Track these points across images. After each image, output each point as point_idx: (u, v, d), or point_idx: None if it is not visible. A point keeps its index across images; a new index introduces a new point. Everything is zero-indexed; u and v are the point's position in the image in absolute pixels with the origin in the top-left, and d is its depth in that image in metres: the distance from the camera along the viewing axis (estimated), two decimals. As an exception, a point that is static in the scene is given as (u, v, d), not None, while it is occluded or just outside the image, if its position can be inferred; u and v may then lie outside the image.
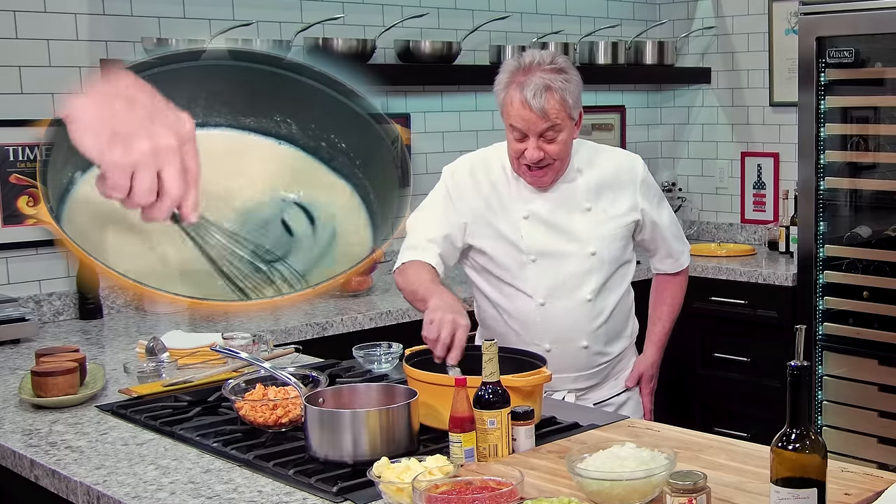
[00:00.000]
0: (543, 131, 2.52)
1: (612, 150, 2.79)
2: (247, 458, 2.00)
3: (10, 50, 3.33)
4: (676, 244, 2.84)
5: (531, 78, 2.50)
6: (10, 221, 3.36)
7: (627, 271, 2.74)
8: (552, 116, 2.49)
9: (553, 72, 2.51)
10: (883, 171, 4.01)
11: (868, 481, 1.82)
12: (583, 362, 2.68)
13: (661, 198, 2.79)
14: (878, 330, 3.87)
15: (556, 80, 2.50)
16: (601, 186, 2.67)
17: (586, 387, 2.72)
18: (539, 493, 1.77)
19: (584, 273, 2.64)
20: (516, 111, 2.52)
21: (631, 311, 2.81)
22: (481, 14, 4.46)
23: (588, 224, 2.64)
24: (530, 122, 2.51)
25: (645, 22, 5.08)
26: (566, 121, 2.53)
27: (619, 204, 2.68)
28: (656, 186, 2.78)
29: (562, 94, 2.50)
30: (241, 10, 3.81)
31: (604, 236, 2.65)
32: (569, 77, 2.53)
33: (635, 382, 2.83)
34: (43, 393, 2.41)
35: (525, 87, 2.49)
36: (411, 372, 2.17)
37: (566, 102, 2.51)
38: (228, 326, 3.16)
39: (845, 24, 3.84)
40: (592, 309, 2.65)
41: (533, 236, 2.63)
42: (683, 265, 2.89)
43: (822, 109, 3.95)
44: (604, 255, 2.65)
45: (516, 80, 2.52)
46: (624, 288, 2.74)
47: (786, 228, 4.53)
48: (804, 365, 1.58)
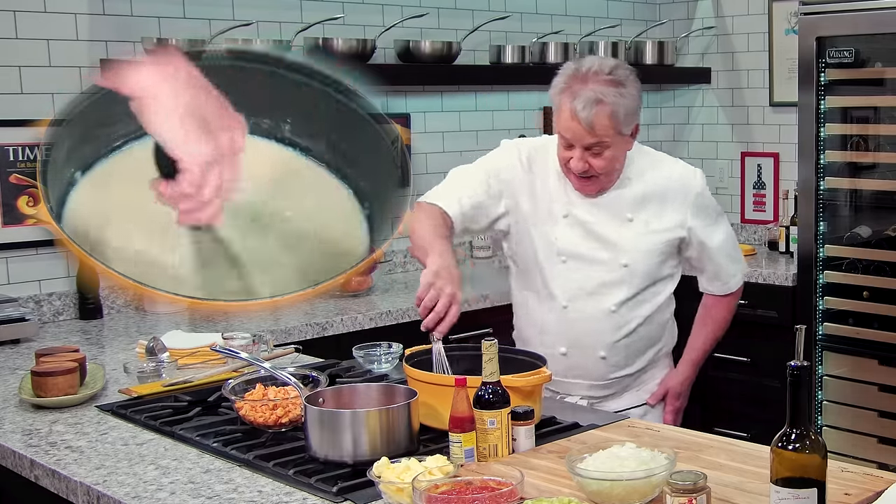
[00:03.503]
0: (590, 145, 2.45)
1: (671, 163, 2.67)
2: (247, 458, 2.00)
3: (10, 50, 3.33)
4: (728, 266, 2.70)
5: (585, 88, 2.42)
6: (10, 221, 3.36)
7: (664, 287, 2.64)
8: (598, 132, 2.43)
9: (609, 83, 2.43)
10: (883, 171, 4.01)
11: (868, 481, 1.82)
12: (598, 372, 2.62)
13: (718, 217, 2.67)
14: (878, 330, 3.86)
15: (610, 93, 2.42)
16: (648, 198, 2.58)
17: (601, 396, 2.65)
18: (539, 493, 1.77)
19: (612, 283, 2.57)
20: (564, 121, 2.45)
21: (665, 327, 2.70)
22: (481, 14, 4.46)
23: (626, 235, 2.56)
24: (577, 134, 2.45)
25: (645, 22, 5.08)
26: (615, 137, 2.45)
27: (664, 218, 2.58)
28: (713, 205, 2.66)
29: (613, 108, 2.42)
30: (241, 10, 3.81)
31: (639, 249, 2.56)
32: (624, 91, 2.45)
33: (658, 400, 2.72)
34: (43, 393, 2.41)
35: (577, 97, 2.42)
36: (411, 372, 2.17)
37: (616, 118, 2.43)
38: (228, 326, 3.16)
39: (845, 24, 3.84)
40: (616, 321, 2.58)
41: (568, 237, 2.57)
42: (732, 289, 2.75)
43: (822, 109, 3.95)
44: (636, 269, 2.57)
45: (571, 87, 2.44)
46: (657, 303, 2.63)
47: (786, 228, 4.53)
48: (804, 365, 1.58)
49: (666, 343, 2.74)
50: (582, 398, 2.63)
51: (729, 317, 2.80)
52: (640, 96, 2.52)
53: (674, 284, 2.67)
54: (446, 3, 4.39)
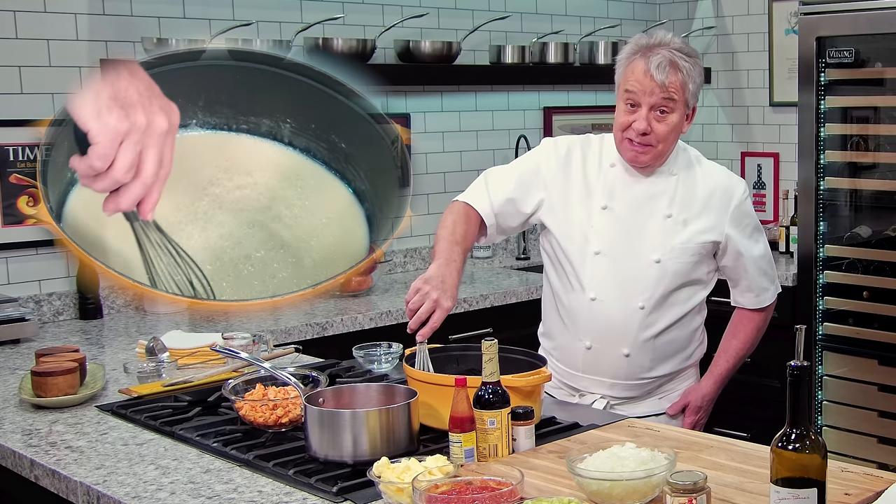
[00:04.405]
0: (658, 104, 2.47)
1: (714, 168, 2.63)
2: (247, 458, 2.00)
3: (10, 50, 3.33)
4: (761, 280, 2.66)
5: (658, 51, 2.47)
6: (10, 221, 3.36)
7: (696, 293, 2.59)
8: (671, 90, 2.46)
9: (682, 53, 2.49)
10: (883, 171, 4.01)
11: (868, 481, 1.82)
12: (621, 371, 2.57)
13: (756, 230, 2.63)
14: (878, 330, 3.87)
15: (684, 61, 2.48)
16: (689, 198, 2.55)
17: (622, 397, 2.60)
18: (539, 493, 1.77)
19: (644, 279, 2.53)
20: (636, 77, 2.47)
21: (694, 335, 2.65)
22: (481, 14, 4.46)
23: (662, 231, 2.53)
24: (647, 90, 2.46)
25: (645, 22, 5.09)
26: (681, 103, 2.49)
27: (702, 220, 2.55)
28: (752, 216, 2.62)
29: (685, 75, 2.48)
30: (241, 10, 3.81)
31: (674, 247, 2.52)
32: (694, 64, 2.51)
33: (677, 411, 2.65)
34: (43, 393, 2.40)
35: (651, 57, 2.46)
36: (411, 372, 2.17)
37: (686, 85, 2.48)
38: (228, 326, 3.16)
39: (845, 24, 3.84)
40: (644, 318, 2.53)
41: (603, 229, 2.55)
42: (764, 304, 2.70)
43: (822, 109, 3.95)
44: (668, 266, 2.52)
45: (642, 52, 2.49)
46: (689, 307, 2.58)
47: (786, 228, 4.53)
48: (804, 365, 1.58)
49: (694, 353, 2.68)
50: (602, 397, 2.59)
51: (757, 334, 2.73)
52: (702, 80, 2.55)
53: (706, 292, 2.63)
54: (446, 3, 4.39)
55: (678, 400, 2.66)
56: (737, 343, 2.71)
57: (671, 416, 2.63)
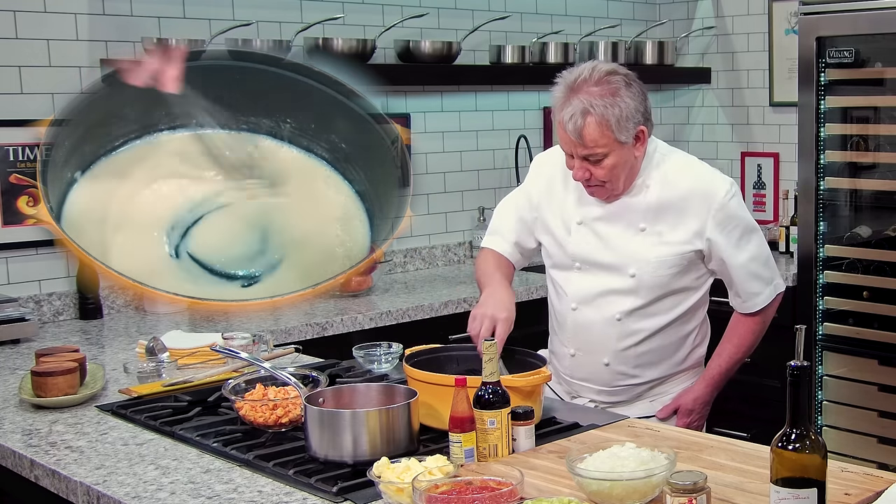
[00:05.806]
0: (585, 155, 2.40)
1: (700, 171, 2.54)
2: (247, 458, 2.00)
3: (10, 50, 3.33)
4: (750, 285, 2.57)
5: (573, 99, 2.37)
6: (10, 221, 3.36)
7: (682, 300, 2.55)
8: (588, 143, 2.37)
9: (599, 93, 2.36)
10: (883, 171, 4.01)
11: (868, 481, 1.82)
12: (603, 378, 2.59)
13: (745, 232, 2.52)
14: (878, 330, 3.87)
15: (598, 103, 2.35)
16: (665, 208, 2.49)
17: (609, 402, 2.61)
18: (539, 493, 1.77)
19: (619, 292, 2.52)
20: (559, 131, 2.43)
21: (685, 340, 2.61)
22: (481, 14, 4.46)
23: (637, 245, 2.50)
24: (570, 145, 2.41)
25: (645, 22, 5.08)
26: (611, 145, 2.38)
27: (679, 230, 2.49)
28: (739, 217, 2.51)
29: (602, 118, 2.35)
30: (241, 10, 3.81)
31: (649, 261, 2.49)
32: (614, 100, 2.36)
33: (667, 415, 2.61)
34: (43, 393, 2.40)
35: (565, 108, 2.37)
36: (411, 372, 2.17)
37: (607, 126, 2.35)
38: (228, 326, 3.16)
39: (845, 24, 3.84)
40: (621, 330, 2.53)
41: (579, 243, 2.56)
42: (752, 309, 2.61)
43: (822, 109, 3.95)
44: (644, 280, 2.49)
45: (563, 100, 2.40)
46: (674, 316, 2.55)
47: (786, 228, 4.53)
48: (804, 365, 1.58)
49: (687, 357, 2.65)
50: (590, 401, 2.62)
51: (752, 337, 2.66)
52: (644, 100, 2.43)
53: (696, 297, 2.58)
54: (446, 3, 4.39)
55: (669, 403, 2.64)
56: (730, 346, 2.66)
57: (660, 420, 2.59)
